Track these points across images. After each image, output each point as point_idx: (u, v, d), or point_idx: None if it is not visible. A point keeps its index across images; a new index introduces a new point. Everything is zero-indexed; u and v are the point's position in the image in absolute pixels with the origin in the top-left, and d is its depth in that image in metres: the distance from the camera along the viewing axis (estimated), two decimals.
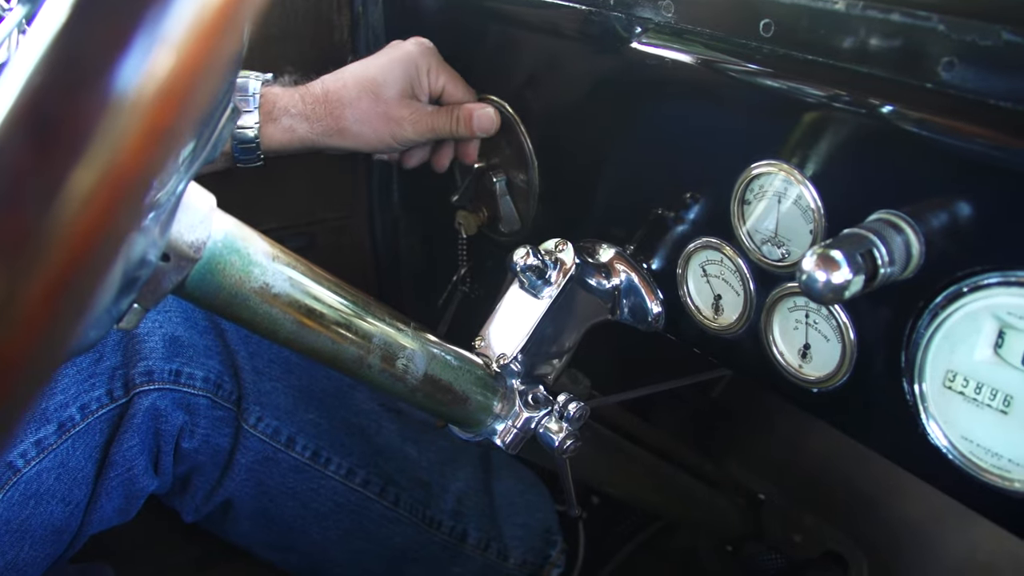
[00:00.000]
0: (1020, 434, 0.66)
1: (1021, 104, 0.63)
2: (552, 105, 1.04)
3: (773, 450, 1.55)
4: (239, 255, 0.68)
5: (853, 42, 0.72)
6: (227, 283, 0.68)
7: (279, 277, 0.71)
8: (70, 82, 0.20)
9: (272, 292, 0.71)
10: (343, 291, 0.77)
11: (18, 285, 0.22)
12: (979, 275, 0.66)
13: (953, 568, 1.37)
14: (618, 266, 0.95)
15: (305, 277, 0.74)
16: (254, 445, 1.13)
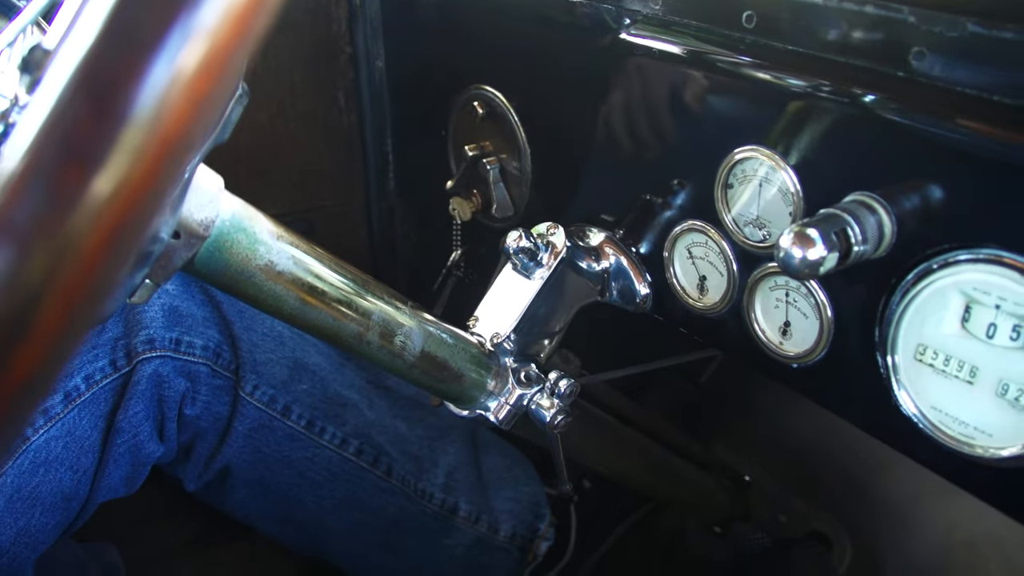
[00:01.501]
0: (984, 403, 0.70)
1: (986, 91, 0.66)
2: (544, 95, 1.07)
3: (760, 433, 1.59)
4: (245, 234, 0.72)
5: (830, 33, 0.75)
6: (234, 260, 0.71)
7: (283, 256, 0.75)
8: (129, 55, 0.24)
9: (276, 270, 0.74)
10: (344, 270, 0.81)
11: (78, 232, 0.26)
12: (947, 253, 0.70)
13: (934, 545, 1.41)
14: (608, 249, 0.99)
15: (308, 256, 0.77)
16: (251, 413, 1.16)
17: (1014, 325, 0.67)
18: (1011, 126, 0.65)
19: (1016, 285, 0.66)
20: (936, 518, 1.42)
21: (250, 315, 1.18)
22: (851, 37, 0.74)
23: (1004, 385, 0.69)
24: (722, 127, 0.85)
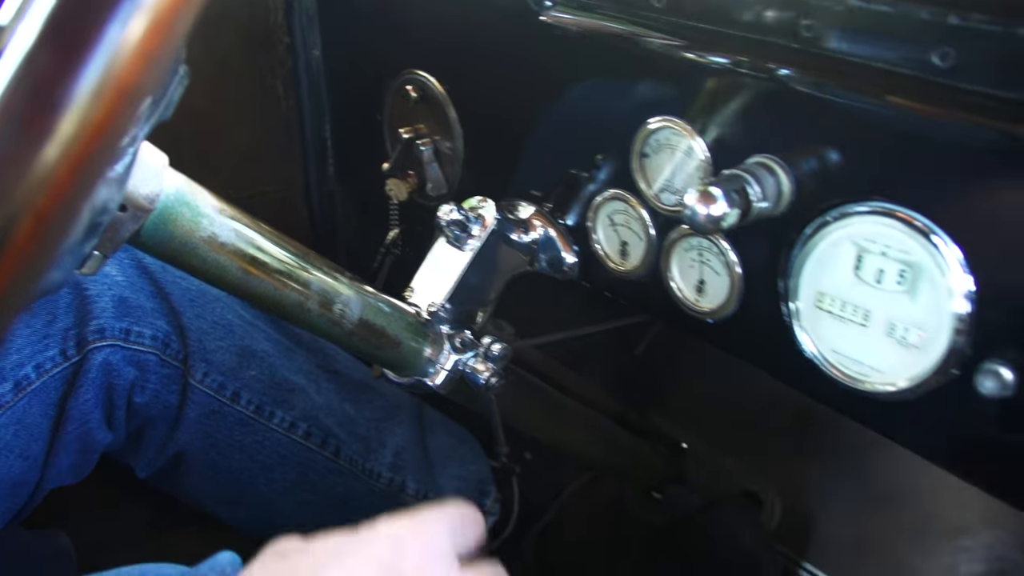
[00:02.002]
0: (876, 343, 0.77)
1: (870, 60, 0.73)
2: (473, 77, 1.12)
3: (694, 401, 1.66)
4: (189, 207, 0.76)
5: (732, 10, 0.82)
6: (178, 232, 0.76)
7: (225, 228, 0.79)
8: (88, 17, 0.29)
9: (219, 241, 0.79)
10: (284, 242, 0.85)
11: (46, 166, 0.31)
12: (840, 207, 0.77)
13: (857, 498, 1.49)
14: (536, 222, 1.04)
15: (249, 229, 0.82)
16: (201, 399, 1.20)
17: (899, 270, 0.74)
18: (892, 91, 0.72)
19: (899, 233, 0.73)
20: (860, 472, 1.50)
21: (199, 304, 1.22)
22: (750, 13, 0.80)
23: (892, 325, 0.76)
24: (637, 100, 0.91)
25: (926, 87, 0.70)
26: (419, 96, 1.18)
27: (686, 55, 0.86)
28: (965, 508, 1.40)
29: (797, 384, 0.87)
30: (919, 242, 0.72)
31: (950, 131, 0.70)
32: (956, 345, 0.72)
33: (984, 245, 0.70)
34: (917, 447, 0.82)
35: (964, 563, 1.39)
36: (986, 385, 0.69)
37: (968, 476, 0.80)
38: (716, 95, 0.84)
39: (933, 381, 0.74)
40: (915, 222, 0.72)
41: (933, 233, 0.71)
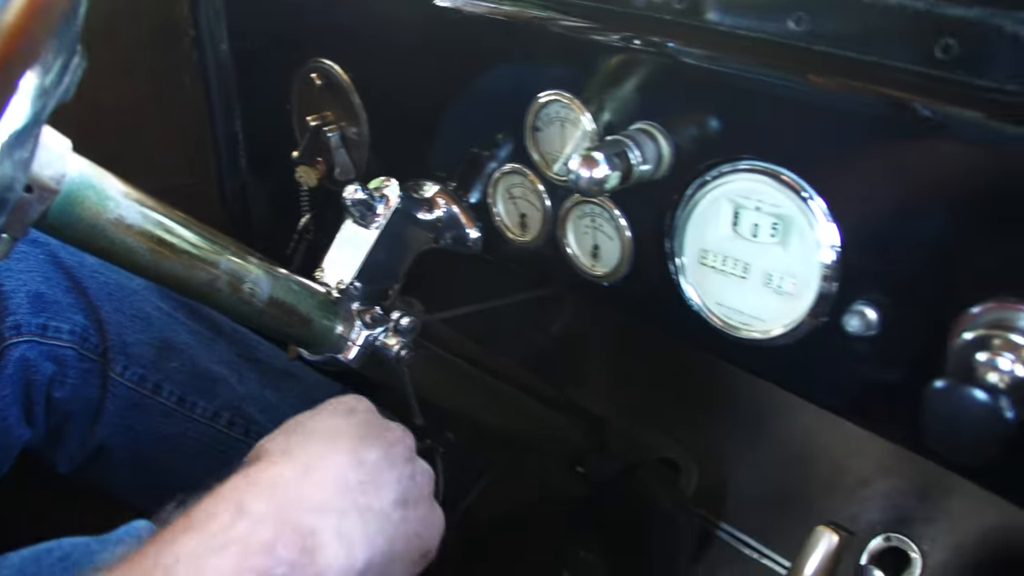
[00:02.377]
0: (755, 293, 0.83)
1: (736, 28, 0.78)
2: (374, 62, 1.15)
3: (609, 374, 1.71)
4: (95, 190, 0.78)
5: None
6: (85, 215, 0.78)
7: (132, 210, 0.81)
8: None
9: (126, 223, 0.81)
10: (192, 224, 0.88)
11: None
12: (716, 167, 0.82)
13: (769, 459, 1.55)
14: (440, 200, 1.08)
15: (156, 211, 0.84)
16: (122, 392, 1.21)
17: (772, 223, 0.80)
18: (759, 56, 0.77)
19: (770, 188, 0.78)
20: (772, 434, 1.56)
21: (117, 298, 1.23)
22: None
23: (768, 276, 0.81)
24: (530, 78, 0.95)
25: (786, 51, 0.75)
26: (324, 84, 1.21)
27: (572, 32, 0.90)
28: (867, 460, 1.47)
29: (687, 338, 0.92)
30: (788, 196, 0.77)
31: (811, 93, 0.75)
32: (824, 291, 0.78)
33: (846, 198, 0.76)
34: (797, 388, 0.88)
35: (865, 512, 1.46)
36: (852, 324, 0.75)
37: (844, 412, 0.85)
38: (601, 68, 0.88)
39: (806, 325, 0.80)
40: (783, 177, 0.77)
41: (801, 188, 0.77)
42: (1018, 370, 0.65)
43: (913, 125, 0.69)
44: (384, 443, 0.79)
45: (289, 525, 0.64)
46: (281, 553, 0.62)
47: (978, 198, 0.68)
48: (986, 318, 0.68)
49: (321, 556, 0.65)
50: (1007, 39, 0.63)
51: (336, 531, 0.67)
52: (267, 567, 0.61)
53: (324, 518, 0.67)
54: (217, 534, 0.62)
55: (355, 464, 0.74)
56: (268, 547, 0.62)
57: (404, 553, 0.76)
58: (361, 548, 0.68)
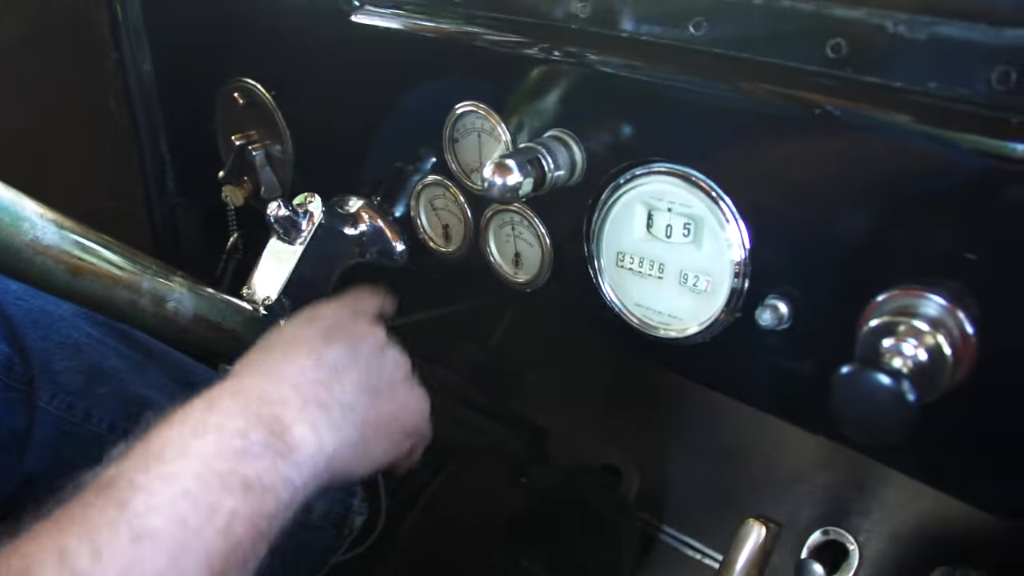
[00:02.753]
0: (672, 293, 0.85)
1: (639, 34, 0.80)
2: (295, 80, 1.16)
3: (550, 384, 1.73)
4: (7, 212, 0.78)
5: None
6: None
7: (48, 231, 0.81)
8: None
9: (43, 244, 0.80)
10: (111, 244, 0.88)
11: None
12: (629, 171, 0.83)
13: (707, 460, 1.57)
14: (364, 214, 1.09)
15: (74, 232, 0.84)
16: (50, 420, 1.18)
17: (684, 223, 0.81)
18: (663, 62, 0.79)
19: (680, 190, 0.80)
20: (708, 434, 1.58)
21: (43, 325, 1.20)
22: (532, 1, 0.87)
23: (684, 275, 0.83)
24: (446, 89, 0.96)
25: (688, 56, 0.77)
26: (247, 102, 1.21)
27: (484, 44, 0.91)
28: (801, 455, 1.50)
29: (609, 340, 0.93)
30: (698, 197, 0.79)
31: (713, 95, 0.77)
32: (737, 287, 0.79)
33: (754, 197, 0.78)
34: (717, 384, 0.90)
35: (803, 507, 1.48)
36: (765, 318, 0.77)
37: (762, 405, 0.87)
38: (514, 79, 0.90)
39: (721, 321, 0.82)
40: (693, 179, 0.79)
41: (710, 188, 0.78)
42: (920, 355, 0.67)
43: (811, 122, 0.71)
44: (347, 340, 0.85)
45: (255, 416, 0.70)
46: (253, 436, 0.68)
47: (877, 190, 0.70)
48: (891, 305, 0.70)
49: (290, 436, 0.71)
50: (890, 38, 0.66)
51: (299, 418, 0.73)
52: (243, 447, 0.67)
53: (286, 408, 0.73)
54: (195, 425, 0.68)
55: (313, 364, 0.79)
56: (241, 433, 0.68)
57: (382, 436, 0.83)
58: (328, 434, 0.74)
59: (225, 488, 0.65)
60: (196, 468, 0.65)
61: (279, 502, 0.68)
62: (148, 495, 0.62)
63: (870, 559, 1.42)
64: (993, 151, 0.64)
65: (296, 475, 0.70)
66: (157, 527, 0.61)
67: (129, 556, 0.59)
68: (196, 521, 0.62)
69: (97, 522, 0.61)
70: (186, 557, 0.61)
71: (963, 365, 0.69)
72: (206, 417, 0.70)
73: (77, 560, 0.58)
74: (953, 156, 0.65)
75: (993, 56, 0.63)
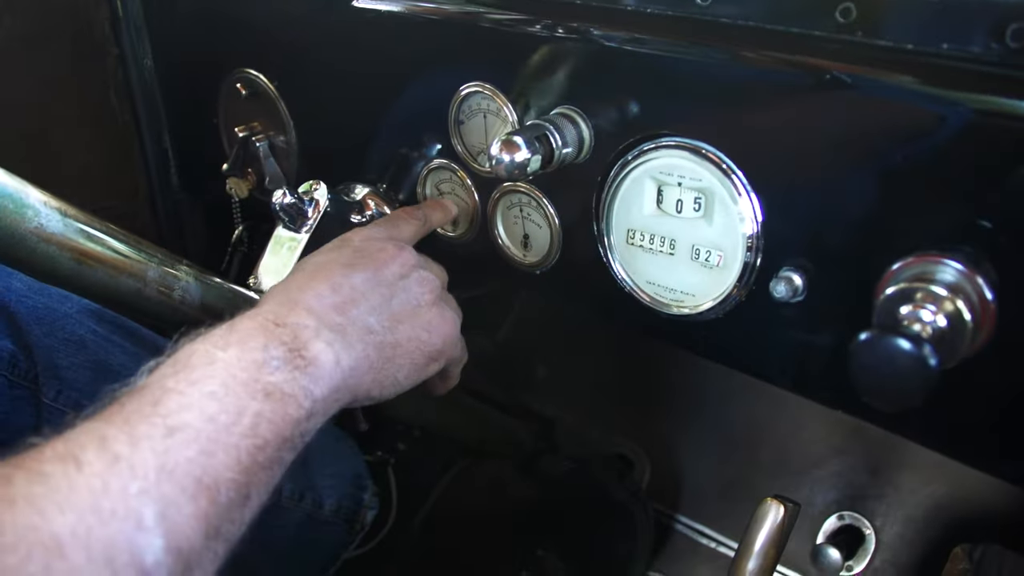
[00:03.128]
0: (684, 268, 0.84)
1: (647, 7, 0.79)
2: (297, 69, 1.15)
3: (559, 377, 1.72)
4: (12, 200, 0.77)
5: None
6: (3, 224, 0.77)
7: (53, 218, 0.80)
8: None
9: (47, 231, 0.80)
10: (116, 232, 0.87)
11: None
12: (637, 146, 0.82)
13: (718, 448, 1.57)
14: (370, 201, 1.08)
15: (78, 219, 0.83)
16: (57, 417, 1.17)
17: (695, 198, 0.81)
18: (670, 34, 0.78)
19: (689, 163, 0.79)
20: (720, 423, 1.58)
21: (47, 322, 1.20)
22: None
23: (696, 250, 0.82)
24: (450, 71, 0.96)
25: (695, 27, 0.76)
26: (249, 93, 1.20)
27: (488, 23, 0.91)
28: (814, 441, 1.49)
29: (621, 319, 0.92)
30: (709, 170, 0.78)
31: (722, 66, 0.76)
32: (750, 260, 0.78)
33: (765, 168, 0.77)
34: (731, 360, 0.88)
35: (820, 492, 1.48)
36: (779, 291, 0.76)
37: (777, 379, 0.86)
38: (519, 58, 0.89)
39: (735, 296, 0.81)
40: (703, 151, 0.78)
41: (720, 161, 0.78)
42: (939, 320, 0.66)
43: (822, 89, 0.70)
44: (371, 266, 0.87)
45: (273, 335, 0.74)
46: (272, 352, 0.72)
47: (889, 156, 0.69)
48: (908, 272, 0.69)
49: (307, 352, 0.74)
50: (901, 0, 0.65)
51: (315, 337, 0.76)
52: (263, 360, 0.71)
53: (301, 330, 0.76)
54: (217, 340, 0.72)
55: (330, 290, 0.82)
56: (261, 346, 0.72)
57: (403, 357, 0.85)
58: (344, 352, 0.77)
59: (248, 393, 0.69)
60: (221, 375, 0.69)
61: (301, 409, 0.72)
62: (179, 396, 0.66)
63: (886, 543, 1.41)
64: (1009, 111, 0.63)
65: (315, 387, 0.73)
66: (188, 421, 0.64)
67: (164, 445, 0.62)
68: (225, 419, 0.66)
69: (133, 417, 0.65)
70: (216, 448, 0.65)
71: (983, 331, 0.68)
72: (227, 335, 0.73)
73: (116, 445, 0.61)
74: (967, 118, 0.64)
75: (1007, 14, 0.62)
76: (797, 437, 1.51)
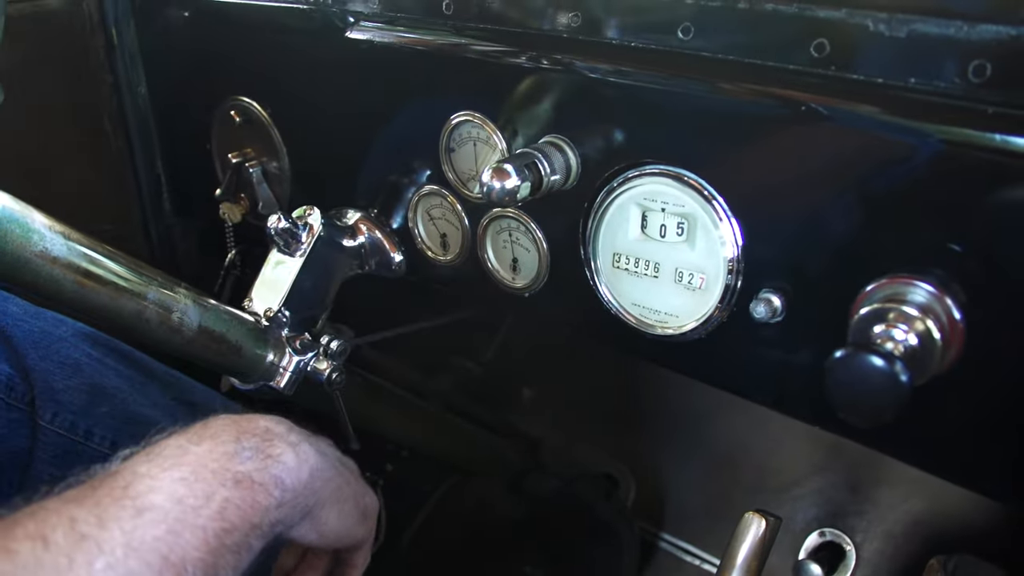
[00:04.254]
0: (668, 290, 0.87)
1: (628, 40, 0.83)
2: (291, 96, 1.18)
3: (544, 398, 1.75)
4: (18, 224, 0.80)
5: (508, 8, 0.91)
6: (9, 248, 0.79)
7: (57, 243, 0.83)
8: None
9: (52, 255, 0.82)
10: (118, 256, 0.89)
11: None
12: (622, 173, 0.86)
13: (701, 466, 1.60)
14: (362, 226, 1.11)
15: (82, 243, 0.86)
16: (53, 440, 1.19)
17: (678, 223, 0.84)
18: (653, 66, 0.82)
19: (672, 189, 0.83)
20: (702, 441, 1.61)
21: (43, 346, 1.21)
22: (523, 10, 0.89)
23: (679, 273, 0.85)
24: (441, 100, 0.99)
25: (677, 60, 0.80)
26: (243, 120, 1.23)
27: (476, 55, 0.94)
28: (796, 459, 1.52)
29: (607, 340, 0.95)
30: (691, 196, 0.82)
31: (703, 97, 0.79)
32: (731, 283, 0.82)
33: (745, 194, 0.80)
34: (714, 380, 0.92)
35: (801, 509, 1.51)
36: (759, 311, 0.79)
37: (757, 397, 0.89)
38: (509, 88, 0.92)
39: (717, 317, 0.84)
40: (685, 179, 0.82)
41: (702, 187, 0.81)
42: (911, 339, 0.70)
43: (798, 120, 0.74)
44: None
45: (244, 429, 0.78)
46: (244, 442, 0.76)
47: (862, 183, 0.73)
48: (881, 293, 0.73)
49: (279, 442, 0.78)
50: (871, 36, 0.68)
51: (285, 439, 0.79)
52: (235, 451, 0.74)
53: (274, 425, 0.80)
54: (192, 436, 0.75)
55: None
56: (233, 439, 0.76)
57: (348, 498, 0.87)
58: (308, 456, 0.80)
59: (218, 480, 0.72)
60: (192, 464, 0.72)
61: (270, 497, 0.74)
62: (150, 480, 0.69)
63: (867, 558, 1.44)
64: (973, 142, 0.66)
65: (286, 476, 0.76)
66: (157, 503, 0.67)
67: (132, 524, 0.65)
68: (193, 502, 0.69)
69: (104, 499, 0.66)
70: (183, 528, 0.67)
71: (952, 349, 0.71)
72: (202, 430, 0.77)
73: (84, 526, 0.63)
74: (935, 148, 0.68)
75: (969, 51, 0.65)
76: (779, 455, 1.54)
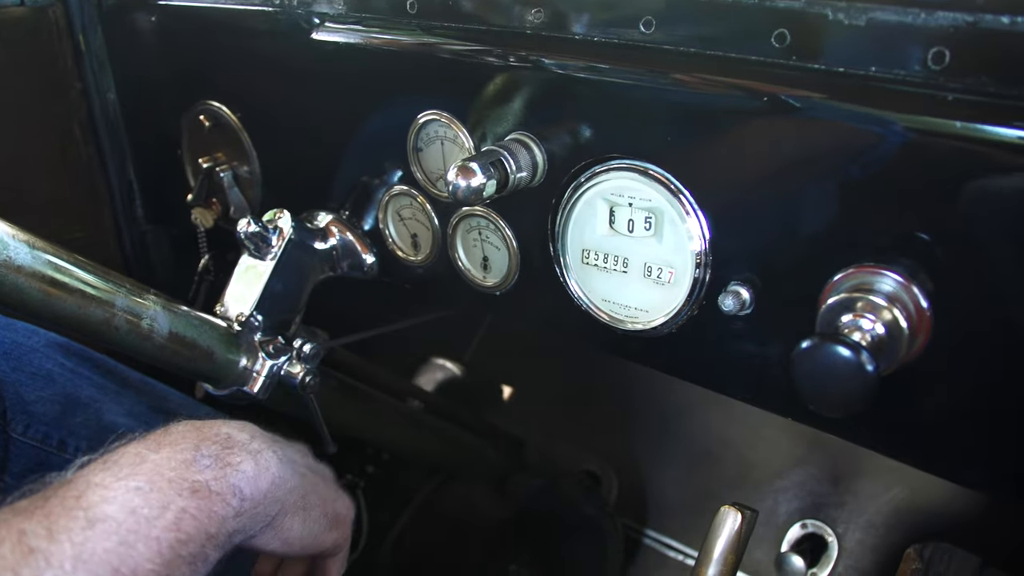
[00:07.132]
0: (638, 286, 0.87)
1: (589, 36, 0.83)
2: (259, 99, 1.18)
3: (524, 396, 1.75)
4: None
5: (468, 7, 0.90)
6: None
7: (21, 251, 0.82)
8: None
9: (15, 264, 0.81)
10: (85, 264, 0.88)
11: None
12: (589, 168, 0.85)
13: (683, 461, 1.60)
14: (334, 228, 1.10)
15: (46, 252, 0.85)
16: (25, 452, 1.18)
17: (645, 218, 0.84)
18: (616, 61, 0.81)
19: (640, 184, 0.82)
20: (683, 436, 1.61)
21: (15, 357, 1.20)
22: (487, 7, 0.89)
23: (648, 268, 0.85)
24: (408, 100, 0.98)
25: (639, 54, 0.80)
26: (213, 125, 1.22)
27: (441, 53, 0.94)
28: (777, 452, 1.53)
29: (578, 337, 0.95)
30: (657, 190, 0.82)
31: (665, 90, 0.79)
32: (699, 276, 0.82)
33: (711, 187, 0.80)
34: (685, 373, 0.91)
35: (783, 502, 1.51)
36: (727, 304, 0.79)
37: (729, 390, 0.89)
38: (474, 86, 0.92)
39: (686, 311, 0.84)
40: (651, 173, 0.81)
41: (668, 181, 0.81)
42: (878, 328, 0.70)
43: (760, 111, 0.73)
44: None
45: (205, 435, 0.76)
46: (204, 449, 0.74)
47: (827, 173, 0.72)
48: (848, 283, 0.73)
49: (235, 456, 0.76)
50: (831, 25, 0.68)
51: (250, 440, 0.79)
52: (193, 459, 0.73)
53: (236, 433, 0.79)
54: (150, 443, 0.74)
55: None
56: (193, 446, 0.74)
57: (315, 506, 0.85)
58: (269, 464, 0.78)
59: (174, 490, 0.70)
60: (148, 473, 0.70)
61: (228, 507, 0.73)
62: (104, 490, 0.67)
63: (848, 548, 1.45)
64: (935, 128, 0.66)
65: (244, 485, 0.75)
66: (110, 513, 0.65)
67: (83, 536, 0.63)
68: (147, 512, 0.67)
69: (55, 510, 0.65)
70: (136, 541, 0.65)
71: (919, 337, 0.71)
72: (161, 437, 0.75)
73: (33, 539, 0.62)
74: (899, 136, 0.68)
75: (927, 38, 0.65)
76: (760, 448, 1.55)
